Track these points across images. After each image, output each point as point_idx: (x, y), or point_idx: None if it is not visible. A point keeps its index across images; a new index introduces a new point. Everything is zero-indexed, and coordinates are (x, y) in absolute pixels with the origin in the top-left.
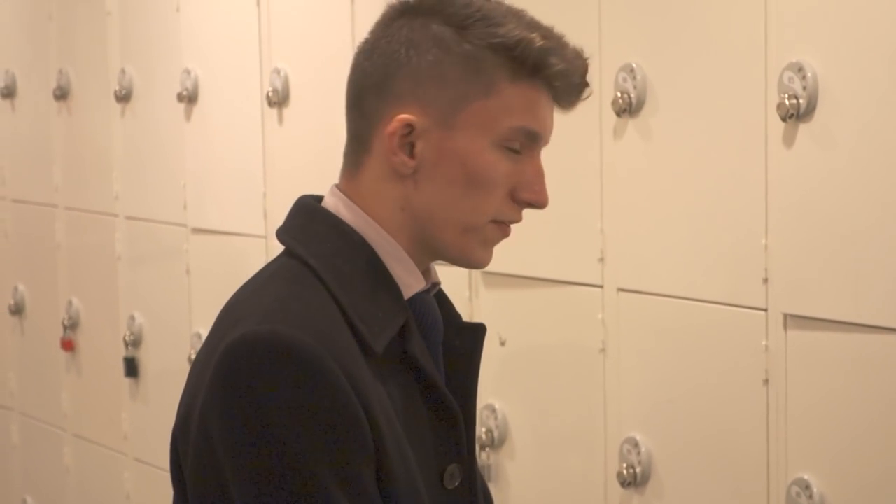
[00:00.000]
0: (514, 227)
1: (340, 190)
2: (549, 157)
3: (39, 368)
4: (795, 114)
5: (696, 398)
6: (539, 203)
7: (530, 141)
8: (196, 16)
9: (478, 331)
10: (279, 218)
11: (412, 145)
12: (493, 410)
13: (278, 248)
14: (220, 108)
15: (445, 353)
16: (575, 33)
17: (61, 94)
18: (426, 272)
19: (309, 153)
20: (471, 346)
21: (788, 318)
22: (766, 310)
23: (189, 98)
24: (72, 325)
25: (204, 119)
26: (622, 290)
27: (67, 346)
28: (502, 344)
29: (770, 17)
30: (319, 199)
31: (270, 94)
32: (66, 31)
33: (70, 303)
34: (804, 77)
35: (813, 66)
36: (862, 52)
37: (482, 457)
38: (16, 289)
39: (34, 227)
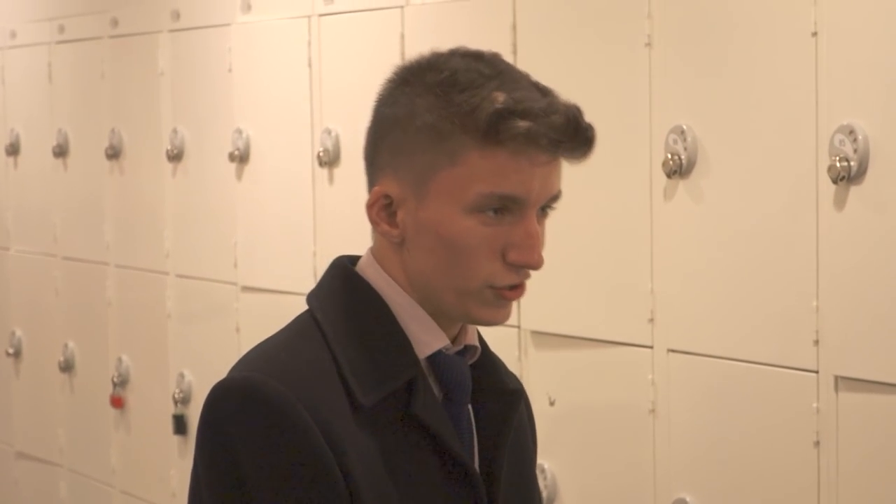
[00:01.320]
0: (564, 286)
1: (371, 251)
2: (600, 217)
3: (88, 425)
4: (847, 176)
5: (747, 460)
6: (529, 264)
7: (511, 204)
8: (248, 76)
9: (514, 395)
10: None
11: (395, 214)
12: (542, 470)
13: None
14: (271, 167)
15: (480, 417)
16: (625, 95)
17: (113, 153)
18: (460, 333)
19: (359, 212)
20: (504, 410)
21: (840, 379)
22: (817, 372)
23: (240, 157)
24: (121, 382)
25: (255, 178)
26: (672, 350)
27: (117, 403)
28: (551, 404)
29: (820, 79)
30: (357, 259)
31: (321, 153)
32: (119, 90)
33: (120, 360)
34: (855, 139)
35: (864, 128)
36: None
37: None
38: (66, 346)
39: (85, 284)
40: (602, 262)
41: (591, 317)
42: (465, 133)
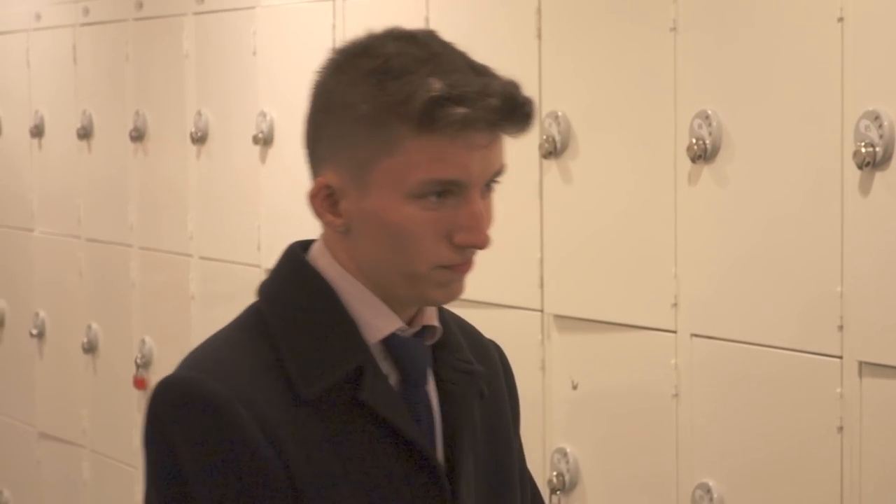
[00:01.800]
0: (588, 270)
1: (322, 238)
2: (624, 202)
3: (111, 406)
4: (872, 162)
5: (770, 445)
6: (476, 244)
7: (453, 187)
8: (272, 59)
9: (472, 375)
10: None
11: (338, 204)
12: (565, 454)
13: None
14: (295, 150)
15: (444, 400)
16: (650, 79)
17: (137, 136)
18: (417, 315)
19: None
20: (465, 390)
21: (864, 365)
22: (841, 357)
23: (264, 140)
24: (144, 364)
25: (279, 161)
26: (696, 335)
27: (140, 384)
28: (574, 387)
29: (846, 65)
30: (310, 243)
31: None
32: (143, 72)
33: (143, 341)
34: (881, 125)
35: (889, 114)
36: None
37: (552, 500)
38: (89, 327)
39: (109, 266)
40: (626, 246)
41: (615, 301)
42: (401, 122)
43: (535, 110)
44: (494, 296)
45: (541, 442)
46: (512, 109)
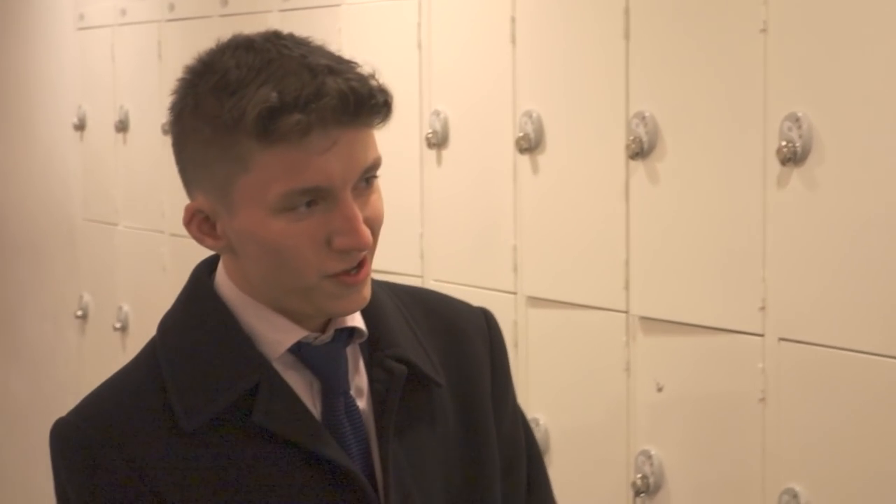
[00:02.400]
0: (675, 272)
1: (221, 257)
2: (713, 204)
3: None
4: None
5: (858, 451)
6: (355, 246)
7: (319, 194)
8: (356, 57)
9: (392, 372)
10: (435, 258)
11: (215, 227)
12: (649, 457)
13: (444, 290)
14: (380, 149)
15: (375, 398)
16: (740, 81)
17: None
18: (333, 319)
19: (466, 194)
20: (384, 389)
21: None
22: None
23: None
24: None
25: None
26: (784, 339)
27: None
28: (659, 390)
29: None
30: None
31: (430, 135)
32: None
33: None
34: None
35: None
36: None
37: (636, 502)
38: None
39: (192, 261)
40: (714, 249)
41: (702, 303)
42: (245, 138)
43: (388, 98)
44: (579, 297)
45: (625, 444)
46: (357, 105)
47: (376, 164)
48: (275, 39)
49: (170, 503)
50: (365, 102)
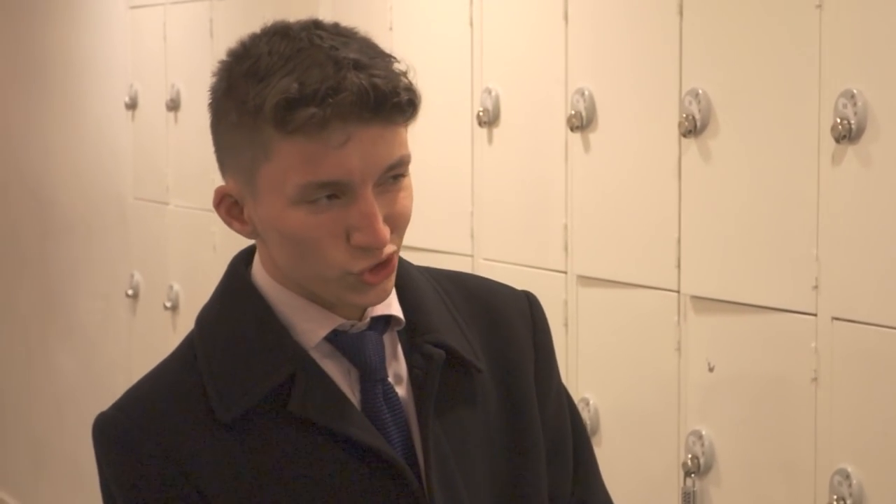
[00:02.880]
0: (727, 251)
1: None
2: (765, 182)
3: None
4: None
5: None
6: (372, 244)
7: (339, 187)
8: (408, 35)
9: (431, 358)
10: (486, 237)
11: (243, 211)
12: (700, 437)
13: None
14: (431, 127)
15: (414, 385)
16: (794, 58)
17: None
18: (366, 309)
19: (517, 173)
20: (423, 375)
21: None
22: None
23: None
24: None
25: (413, 139)
26: (837, 318)
27: None
28: (711, 370)
29: None
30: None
31: (481, 113)
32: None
33: None
34: None
35: None
36: None
37: (687, 483)
38: None
39: (243, 241)
40: (767, 227)
41: (754, 282)
42: (267, 126)
43: (413, 98)
44: (630, 276)
45: (675, 424)
46: (377, 102)
47: (403, 162)
48: (311, 28)
49: (209, 494)
50: (386, 99)
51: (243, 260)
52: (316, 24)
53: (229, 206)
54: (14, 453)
